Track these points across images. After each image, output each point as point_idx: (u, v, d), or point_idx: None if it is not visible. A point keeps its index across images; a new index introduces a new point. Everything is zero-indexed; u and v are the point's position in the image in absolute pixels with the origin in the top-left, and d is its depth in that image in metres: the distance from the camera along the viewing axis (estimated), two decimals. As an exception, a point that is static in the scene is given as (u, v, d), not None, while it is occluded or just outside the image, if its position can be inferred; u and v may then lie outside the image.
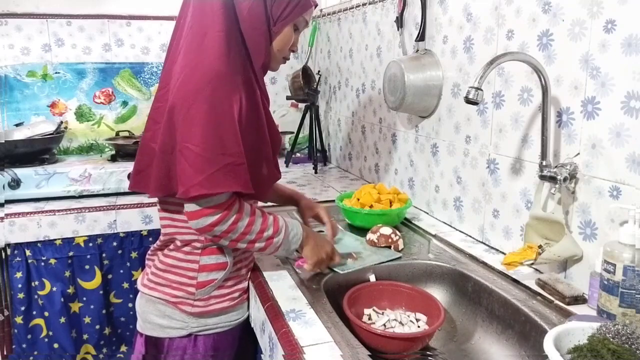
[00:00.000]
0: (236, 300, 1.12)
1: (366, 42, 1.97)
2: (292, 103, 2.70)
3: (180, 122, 0.96)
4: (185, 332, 1.09)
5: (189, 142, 0.95)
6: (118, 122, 2.38)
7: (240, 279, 1.13)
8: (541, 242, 1.08)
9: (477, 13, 1.29)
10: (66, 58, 2.28)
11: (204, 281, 1.08)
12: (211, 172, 0.94)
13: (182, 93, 0.97)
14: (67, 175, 1.85)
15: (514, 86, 1.17)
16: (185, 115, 0.96)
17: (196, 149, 0.94)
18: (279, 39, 1.08)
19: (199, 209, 0.98)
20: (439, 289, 1.19)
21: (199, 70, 0.98)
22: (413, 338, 0.96)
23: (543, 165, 1.04)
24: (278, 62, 1.13)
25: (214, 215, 0.98)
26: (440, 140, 1.49)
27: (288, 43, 1.10)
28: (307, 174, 2.22)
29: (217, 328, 1.11)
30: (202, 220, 0.98)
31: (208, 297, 1.09)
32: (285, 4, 1.04)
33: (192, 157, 0.95)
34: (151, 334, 1.11)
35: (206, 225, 0.99)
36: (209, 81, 0.96)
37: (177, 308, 1.08)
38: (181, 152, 0.96)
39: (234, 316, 1.13)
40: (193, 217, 0.99)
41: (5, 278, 1.73)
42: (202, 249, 1.08)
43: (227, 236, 1.01)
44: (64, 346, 1.76)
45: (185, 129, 0.96)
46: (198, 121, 0.95)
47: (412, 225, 1.49)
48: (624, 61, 0.89)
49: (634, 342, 0.69)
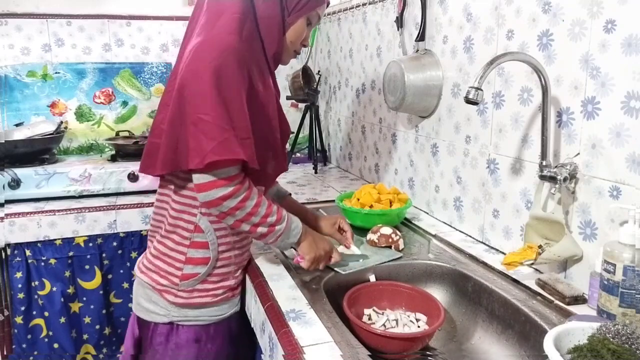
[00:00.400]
0: (219, 297, 1.12)
1: (366, 42, 1.97)
2: (292, 103, 2.70)
3: (192, 94, 0.98)
4: (167, 319, 1.11)
5: (202, 112, 0.96)
6: (118, 122, 2.38)
7: (227, 276, 1.13)
8: (541, 242, 1.08)
9: (477, 13, 1.29)
10: (66, 58, 2.28)
11: (189, 274, 1.09)
12: (223, 138, 0.96)
13: (192, 66, 0.99)
14: (67, 175, 1.85)
15: (514, 86, 1.17)
16: (196, 88, 0.97)
17: (209, 118, 0.96)
18: (293, 30, 1.10)
19: (212, 180, 0.98)
20: (439, 289, 1.19)
21: (209, 44, 1.00)
22: (413, 338, 0.96)
23: (543, 165, 1.04)
24: (289, 54, 1.15)
25: (226, 188, 0.98)
26: (440, 140, 1.49)
27: (301, 36, 1.12)
28: (307, 174, 2.22)
29: (197, 320, 1.12)
30: (213, 192, 0.98)
31: (191, 290, 1.10)
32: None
33: (206, 127, 0.96)
34: (139, 315, 1.15)
35: (217, 197, 0.98)
36: (220, 54, 0.97)
37: (161, 295, 1.10)
38: (195, 124, 0.97)
39: (216, 311, 1.13)
40: (205, 188, 0.98)
41: (5, 278, 1.73)
42: (190, 241, 1.09)
43: (234, 214, 1.01)
44: (64, 346, 1.76)
45: (198, 101, 0.97)
46: (209, 92, 0.96)
47: (412, 225, 1.49)
48: (624, 61, 0.89)
49: (634, 342, 0.69)
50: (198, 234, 1.09)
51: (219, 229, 1.10)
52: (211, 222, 1.09)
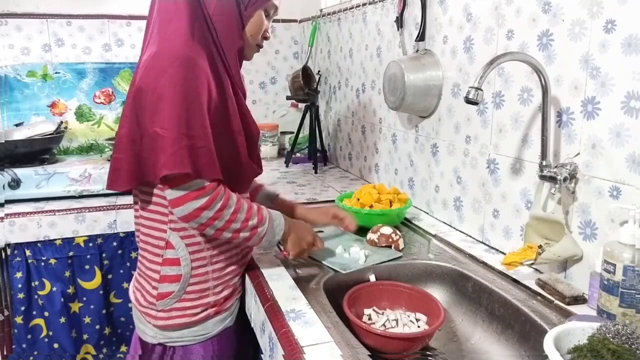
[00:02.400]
0: (198, 316, 1.08)
1: (366, 42, 1.97)
2: (292, 103, 2.70)
3: (147, 105, 0.96)
4: (155, 341, 1.10)
5: (157, 125, 0.95)
6: (118, 122, 2.37)
7: (205, 293, 1.09)
8: (541, 242, 1.08)
9: (477, 13, 1.29)
10: (66, 58, 2.28)
11: (164, 292, 1.06)
12: (173, 150, 0.93)
13: (146, 78, 0.97)
14: (67, 175, 1.85)
15: (514, 86, 1.17)
16: (150, 98, 0.96)
17: (162, 131, 0.94)
18: (252, 24, 1.08)
19: (183, 194, 0.96)
20: (439, 289, 1.19)
21: (162, 55, 0.98)
22: (413, 338, 0.96)
23: (543, 165, 1.04)
24: (252, 49, 1.12)
25: (199, 199, 0.96)
26: (440, 140, 1.49)
27: (261, 29, 1.10)
28: (307, 174, 2.22)
29: (182, 341, 1.10)
30: (187, 205, 0.96)
31: (170, 309, 1.07)
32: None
33: (160, 139, 0.94)
34: (139, 334, 1.15)
35: (193, 210, 0.96)
36: (172, 64, 0.95)
37: (145, 317, 1.10)
38: (151, 137, 0.96)
39: (199, 331, 1.10)
40: (178, 203, 0.97)
41: (5, 278, 1.73)
42: (162, 258, 1.07)
43: (213, 224, 0.99)
44: (64, 346, 1.76)
45: (152, 112, 0.95)
46: (164, 103, 0.94)
47: (412, 225, 1.49)
48: (624, 61, 0.89)
49: (634, 342, 0.69)
50: (170, 250, 1.06)
51: (192, 244, 1.07)
52: (182, 237, 1.06)
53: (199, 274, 1.08)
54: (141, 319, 1.12)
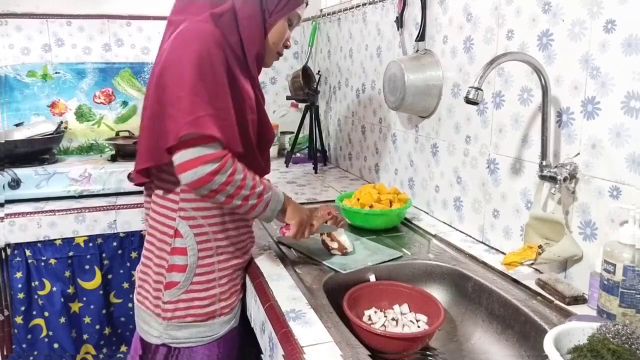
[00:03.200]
0: (206, 310, 1.09)
1: (366, 42, 1.97)
2: (292, 103, 2.70)
3: (170, 79, 0.97)
4: (160, 341, 1.10)
5: (181, 91, 0.95)
6: (118, 122, 2.38)
7: (211, 284, 1.10)
8: (541, 242, 1.08)
9: (477, 13, 1.29)
10: (66, 58, 2.28)
11: (171, 282, 1.08)
12: (201, 114, 0.94)
13: (169, 56, 0.99)
14: (67, 175, 1.85)
15: (514, 86, 1.17)
16: (175, 73, 0.97)
17: (187, 95, 0.95)
18: (274, 31, 1.10)
19: (197, 156, 0.95)
20: (439, 289, 1.19)
21: (187, 33, 1.00)
22: (413, 338, 0.96)
23: (543, 165, 1.04)
24: (272, 56, 1.14)
25: (212, 163, 0.96)
26: (440, 140, 1.49)
27: (282, 37, 1.12)
28: (307, 174, 2.22)
29: (188, 342, 1.10)
30: (200, 169, 0.95)
31: (176, 300, 1.08)
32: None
33: (183, 103, 0.95)
34: (141, 335, 1.14)
35: (205, 174, 0.95)
36: (198, 37, 0.97)
37: (151, 313, 1.10)
38: (172, 105, 0.96)
39: (206, 332, 1.10)
40: (190, 166, 0.95)
41: (5, 278, 1.73)
42: (171, 247, 1.08)
43: (225, 189, 0.99)
44: (64, 346, 1.76)
45: (177, 82, 0.96)
46: (188, 74, 0.95)
47: (412, 225, 1.49)
48: (624, 61, 0.89)
49: (634, 342, 0.69)
50: (178, 239, 1.07)
51: (199, 234, 1.08)
52: (190, 226, 1.07)
53: (205, 264, 1.09)
54: (145, 318, 1.12)
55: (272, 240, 1.34)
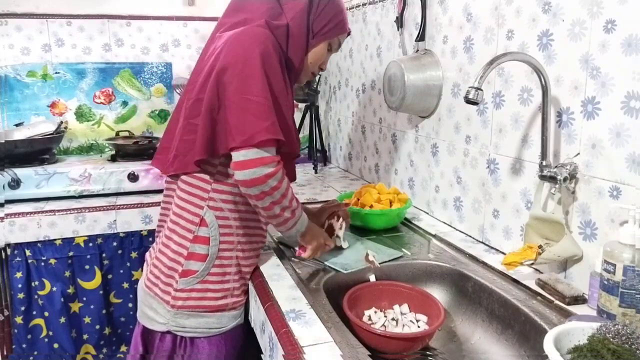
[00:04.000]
0: (218, 303, 1.10)
1: (366, 42, 1.97)
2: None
3: (236, 77, 1.00)
4: (165, 328, 1.10)
5: (249, 94, 0.99)
6: (118, 122, 2.37)
7: (226, 278, 1.11)
8: (541, 242, 1.08)
9: (477, 13, 1.29)
10: (66, 58, 2.28)
11: (189, 270, 1.08)
12: (273, 120, 0.99)
13: (232, 53, 1.02)
14: (67, 175, 1.85)
15: (514, 86, 1.17)
16: (240, 71, 1.00)
17: (258, 99, 0.99)
18: (314, 52, 1.15)
19: (260, 157, 0.99)
20: (439, 289, 1.19)
21: (248, 34, 1.04)
22: (413, 338, 0.96)
23: (543, 165, 1.04)
24: (307, 75, 1.20)
25: (271, 166, 1.00)
26: (440, 140, 1.49)
27: (320, 59, 1.18)
28: (307, 174, 2.22)
29: (195, 332, 1.10)
30: (260, 169, 0.99)
31: (190, 289, 1.09)
32: (326, 21, 1.13)
33: (255, 107, 0.99)
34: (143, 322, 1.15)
35: (262, 175, 0.99)
36: (262, 41, 1.01)
37: (160, 300, 1.10)
38: (239, 105, 0.99)
39: (214, 323, 1.11)
40: (251, 165, 0.99)
41: (5, 278, 1.73)
42: (193, 235, 1.08)
43: (273, 194, 1.02)
44: (64, 346, 1.76)
45: (243, 83, 1.00)
46: (255, 74, 0.99)
47: (412, 225, 1.49)
48: (624, 61, 0.89)
49: (634, 342, 0.69)
50: (203, 228, 1.08)
51: (223, 226, 1.10)
52: (217, 217, 1.09)
53: (224, 256, 1.10)
54: (152, 304, 1.12)
55: (272, 240, 1.35)
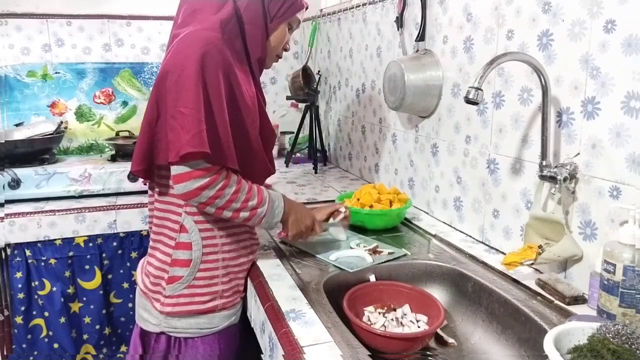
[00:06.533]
0: (206, 305, 1.10)
1: (366, 42, 1.97)
2: (292, 103, 2.70)
3: (172, 86, 0.99)
4: (158, 329, 1.11)
5: (182, 105, 0.97)
6: (118, 122, 2.38)
7: (213, 281, 1.10)
8: (541, 242, 1.08)
9: (477, 13, 1.29)
10: (66, 58, 2.28)
11: (174, 276, 1.08)
12: (198, 130, 0.96)
13: (173, 59, 1.00)
14: (67, 175, 1.85)
15: (514, 86, 1.17)
16: (177, 80, 0.98)
17: (187, 110, 0.96)
18: (275, 35, 1.14)
19: (188, 171, 0.98)
20: (439, 289, 1.19)
21: (191, 37, 1.01)
22: (413, 338, 0.96)
23: (543, 165, 1.04)
24: (272, 59, 1.19)
25: (202, 178, 0.99)
26: (440, 140, 1.49)
27: (283, 40, 1.17)
28: (307, 174, 2.22)
29: (187, 333, 1.10)
30: (189, 183, 0.98)
31: (178, 295, 1.09)
32: (281, 3, 1.11)
33: (182, 119, 0.97)
34: (139, 324, 1.15)
35: (194, 188, 0.98)
36: (203, 47, 0.99)
37: (152, 303, 1.11)
38: (174, 117, 0.98)
39: (205, 324, 1.11)
40: (181, 179, 0.98)
41: (5, 278, 1.73)
42: (175, 242, 1.09)
43: (214, 202, 1.01)
44: (64, 346, 1.76)
45: (177, 93, 0.98)
46: (189, 84, 0.97)
47: (412, 225, 1.49)
48: (624, 61, 0.89)
49: (634, 342, 0.69)
50: (183, 234, 1.08)
51: (205, 230, 1.09)
52: (196, 222, 1.08)
53: (209, 260, 1.10)
54: (146, 306, 1.13)
55: (272, 240, 1.35)
